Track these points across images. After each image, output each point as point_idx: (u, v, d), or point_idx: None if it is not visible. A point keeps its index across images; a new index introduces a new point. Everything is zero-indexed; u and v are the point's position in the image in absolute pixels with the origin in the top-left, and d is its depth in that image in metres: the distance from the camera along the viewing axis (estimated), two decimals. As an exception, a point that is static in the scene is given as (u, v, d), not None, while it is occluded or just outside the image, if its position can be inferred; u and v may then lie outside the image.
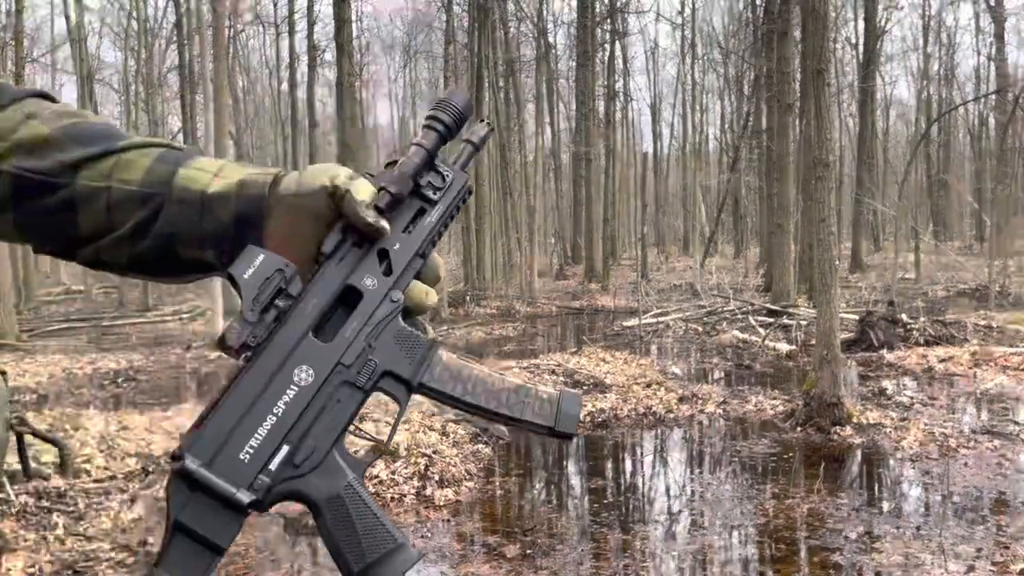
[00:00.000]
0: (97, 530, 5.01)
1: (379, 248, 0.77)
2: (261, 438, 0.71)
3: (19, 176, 0.78)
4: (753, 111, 24.39)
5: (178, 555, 0.69)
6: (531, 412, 0.79)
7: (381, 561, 0.73)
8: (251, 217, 0.78)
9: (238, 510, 0.69)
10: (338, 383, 0.74)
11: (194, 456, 0.69)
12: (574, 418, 0.80)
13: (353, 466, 0.75)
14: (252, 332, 0.72)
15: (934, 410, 7.83)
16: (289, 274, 0.73)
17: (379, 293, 0.77)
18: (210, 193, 0.78)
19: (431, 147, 0.80)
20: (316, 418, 0.73)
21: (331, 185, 0.76)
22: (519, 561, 4.55)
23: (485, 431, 7.32)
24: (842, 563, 4.42)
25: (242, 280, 0.72)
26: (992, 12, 29.37)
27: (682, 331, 13.91)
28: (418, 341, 0.78)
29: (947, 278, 20.80)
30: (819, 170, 7.62)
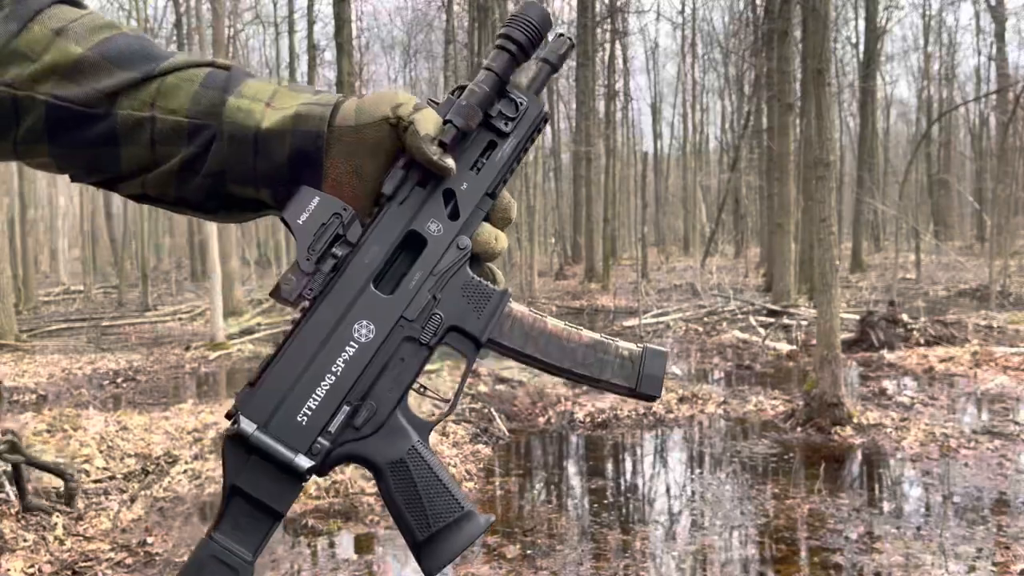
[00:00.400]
0: (96, 530, 5.01)
1: (445, 188, 0.71)
2: (319, 399, 0.67)
3: (53, 106, 0.71)
4: (754, 111, 24.38)
5: (235, 520, 0.67)
6: (611, 371, 0.73)
7: (448, 529, 0.69)
8: (309, 154, 0.71)
9: (297, 476, 0.66)
10: (400, 339, 0.69)
11: (249, 417, 0.66)
12: (659, 379, 0.74)
13: (418, 428, 0.70)
14: (308, 284, 0.67)
15: (935, 410, 7.82)
16: (347, 218, 0.68)
17: (445, 239, 0.70)
18: (264, 130, 0.71)
19: (501, 71, 0.71)
20: (378, 377, 0.68)
21: (393, 116, 0.70)
22: (519, 561, 4.54)
23: (485, 431, 7.31)
24: (842, 563, 4.41)
25: (296, 226, 0.67)
26: (993, 12, 29.35)
27: (682, 331, 13.90)
28: (487, 292, 0.72)
29: (948, 278, 20.79)
30: (820, 170, 7.61)
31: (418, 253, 0.70)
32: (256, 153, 0.71)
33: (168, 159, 0.72)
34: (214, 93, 0.72)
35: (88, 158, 0.73)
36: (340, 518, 5.24)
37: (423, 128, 0.68)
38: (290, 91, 0.74)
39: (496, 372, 9.32)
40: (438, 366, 9.50)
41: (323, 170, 0.71)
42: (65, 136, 0.72)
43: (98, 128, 0.71)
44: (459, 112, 0.69)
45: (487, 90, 0.71)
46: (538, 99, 0.74)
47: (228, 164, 0.71)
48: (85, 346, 14.02)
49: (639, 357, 0.73)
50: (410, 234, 0.70)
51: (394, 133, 0.70)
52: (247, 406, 0.66)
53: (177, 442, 6.66)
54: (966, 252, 27.53)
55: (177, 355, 12.49)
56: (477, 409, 7.91)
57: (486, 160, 0.72)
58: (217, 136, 0.71)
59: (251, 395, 0.67)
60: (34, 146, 0.73)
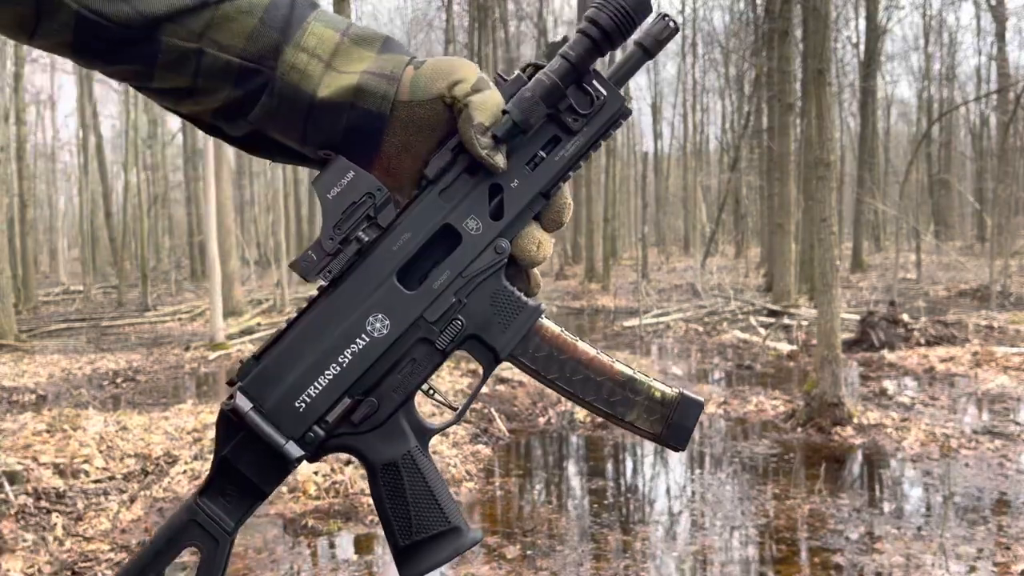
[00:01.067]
0: (96, 531, 5.00)
1: (492, 183, 0.65)
2: (321, 388, 0.64)
3: (85, 19, 0.60)
4: (754, 111, 24.37)
5: (222, 488, 0.65)
6: (636, 413, 0.67)
7: (431, 541, 0.67)
8: (366, 133, 0.65)
9: (285, 462, 0.64)
10: (416, 339, 0.65)
11: (248, 393, 0.64)
12: (688, 430, 0.68)
13: (418, 433, 0.67)
14: (328, 264, 0.63)
15: (935, 410, 7.82)
16: (380, 200, 0.63)
17: (482, 240, 0.65)
18: (320, 100, 0.64)
19: (578, 60, 0.64)
20: (385, 375, 0.65)
21: (449, 95, 0.63)
22: (519, 562, 4.53)
23: (485, 431, 7.31)
24: (843, 564, 4.40)
25: (325, 200, 0.63)
26: (993, 12, 29.35)
27: (683, 331, 13.89)
28: (518, 306, 0.66)
29: (948, 278, 20.78)
30: (820, 170, 7.60)
31: (451, 249, 0.65)
32: (308, 120, 0.65)
33: (209, 93, 0.65)
34: (273, 35, 0.64)
35: (114, 72, 0.65)
36: (340, 518, 5.24)
37: (478, 115, 0.62)
38: (354, 45, 0.65)
39: (496, 372, 9.32)
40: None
41: (379, 147, 0.65)
42: (93, 53, 0.63)
43: (134, 51, 0.62)
44: (520, 104, 0.63)
45: (556, 81, 0.64)
46: (619, 93, 0.66)
47: (275, 121, 0.65)
48: (85, 346, 14.02)
49: (672, 403, 0.68)
50: (445, 227, 0.65)
51: (448, 113, 0.64)
52: (248, 379, 0.64)
53: (177, 442, 6.65)
54: (967, 252, 27.53)
55: (177, 355, 12.48)
56: (477, 409, 7.90)
57: (546, 155, 0.65)
58: (268, 90, 0.64)
59: (254, 367, 0.65)
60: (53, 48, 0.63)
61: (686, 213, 36.89)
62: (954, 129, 34.85)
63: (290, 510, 5.32)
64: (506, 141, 0.63)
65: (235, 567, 4.51)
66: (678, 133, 38.38)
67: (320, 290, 0.65)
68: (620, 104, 0.66)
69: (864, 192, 23.66)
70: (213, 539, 0.65)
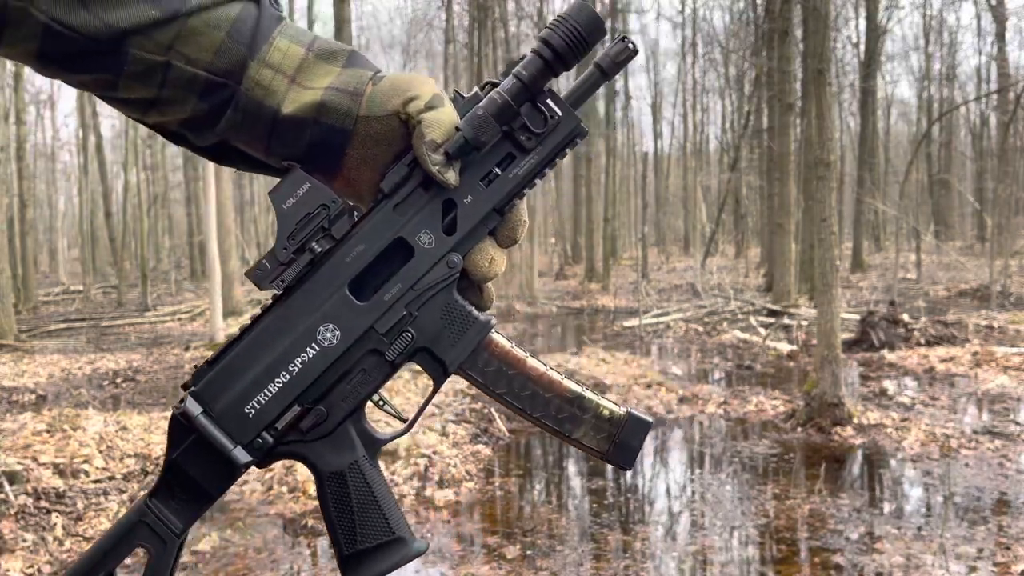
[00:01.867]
0: (96, 531, 5.00)
1: (446, 198, 0.65)
2: (270, 395, 0.65)
3: (52, 31, 0.60)
4: (754, 110, 24.36)
5: (171, 491, 0.66)
6: (584, 431, 0.68)
7: (374, 551, 0.67)
8: (329, 147, 0.66)
9: (232, 467, 0.65)
10: (366, 350, 0.66)
11: (199, 397, 0.65)
12: (634, 451, 0.70)
13: (367, 443, 0.67)
14: (281, 274, 0.64)
15: (935, 410, 7.81)
16: (334, 211, 0.64)
17: (434, 254, 0.65)
18: (284, 115, 0.65)
19: (529, 79, 0.64)
20: (335, 384, 0.66)
21: (403, 111, 0.64)
22: (519, 562, 4.53)
23: (485, 431, 7.31)
24: (843, 564, 4.40)
25: (281, 210, 0.64)
26: (993, 12, 29.34)
27: (683, 331, 13.89)
28: (468, 320, 0.67)
29: (948, 278, 20.78)
30: (820, 170, 7.60)
31: (403, 263, 0.66)
32: (272, 135, 0.66)
33: (174, 105, 0.65)
34: (240, 49, 0.64)
35: (78, 81, 0.65)
36: (340, 518, 5.23)
37: (430, 132, 0.63)
38: (319, 60, 0.66)
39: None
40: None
41: (342, 160, 0.66)
42: (58, 63, 0.62)
43: (100, 62, 0.62)
44: (472, 122, 0.64)
45: (508, 100, 0.64)
46: (574, 113, 0.66)
47: (240, 134, 0.67)
48: (85, 346, 14.02)
49: (619, 422, 0.69)
50: (398, 241, 0.65)
51: (404, 128, 0.65)
52: (201, 385, 0.65)
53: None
54: (967, 252, 27.53)
55: (177, 355, 12.48)
56: (477, 409, 7.90)
57: (500, 172, 0.66)
58: (233, 104, 0.65)
59: (205, 373, 0.65)
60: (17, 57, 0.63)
61: (686, 213, 36.90)
62: (954, 129, 34.85)
63: (290, 510, 5.32)
64: (458, 158, 0.64)
65: (235, 567, 4.51)
66: (678, 133, 38.40)
67: (274, 298, 0.66)
68: (575, 124, 0.66)
69: (864, 192, 23.65)
70: (161, 540, 0.66)
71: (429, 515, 5.31)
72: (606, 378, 9.34)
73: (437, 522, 5.19)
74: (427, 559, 4.62)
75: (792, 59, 16.21)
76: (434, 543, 4.85)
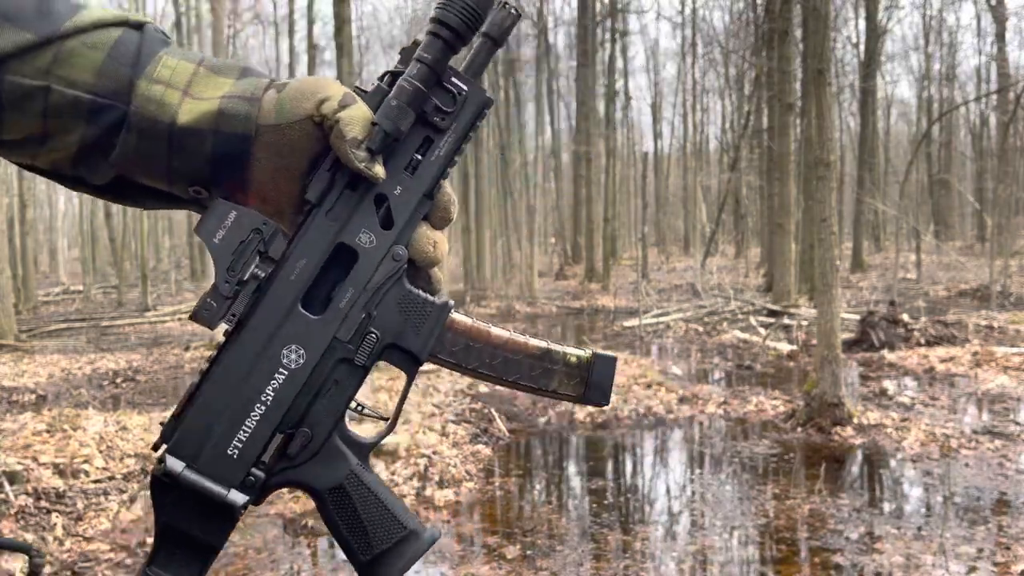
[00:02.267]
0: (96, 531, 5.00)
1: (376, 193, 0.65)
2: (250, 430, 0.63)
3: None
4: (754, 110, 24.36)
5: (171, 554, 0.64)
6: (558, 381, 0.69)
7: (390, 552, 0.66)
8: (232, 158, 0.63)
9: (231, 511, 0.63)
10: (334, 361, 0.65)
11: (176, 454, 0.62)
12: (606, 387, 0.70)
13: (356, 451, 0.67)
14: (230, 308, 0.63)
15: (935, 410, 7.82)
16: (268, 233, 0.63)
17: (378, 252, 0.65)
18: (180, 127, 0.62)
19: (433, 61, 0.64)
20: (312, 402, 0.64)
21: (318, 114, 0.63)
22: (519, 562, 4.53)
23: (485, 431, 7.31)
24: (843, 564, 4.40)
25: (213, 245, 0.62)
26: (993, 12, 29.34)
27: (682, 331, 13.89)
28: (426, 307, 0.67)
29: (948, 278, 20.78)
30: (820, 170, 7.60)
31: (350, 267, 0.65)
32: (171, 151, 0.62)
33: (62, 134, 0.62)
34: (123, 69, 0.62)
35: None
36: (340, 518, 5.23)
37: (349, 130, 0.62)
38: (211, 73, 0.64)
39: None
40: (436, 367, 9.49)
41: (249, 173, 0.63)
42: None
43: None
44: (388, 113, 0.63)
45: (418, 85, 0.64)
46: (478, 84, 0.67)
47: (139, 159, 0.63)
48: (85, 346, 14.02)
49: (587, 364, 0.70)
50: (339, 247, 0.64)
51: (319, 132, 0.63)
52: (173, 441, 0.63)
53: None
54: (967, 252, 27.53)
55: (177, 355, 12.48)
56: (477, 409, 7.91)
57: (422, 158, 0.66)
58: (126, 126, 0.62)
59: (175, 427, 0.63)
60: None
61: (686, 213, 36.90)
62: (954, 129, 34.86)
63: (290, 510, 5.32)
64: (381, 151, 0.63)
65: (235, 567, 4.51)
66: (678, 133, 38.41)
67: (226, 335, 0.64)
68: (482, 96, 0.67)
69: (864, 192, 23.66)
70: None
71: (429, 515, 5.30)
72: (606, 378, 9.33)
73: (437, 522, 5.19)
74: (427, 559, 4.62)
75: (792, 59, 16.21)
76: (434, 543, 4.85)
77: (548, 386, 0.70)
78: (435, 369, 8.97)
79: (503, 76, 25.68)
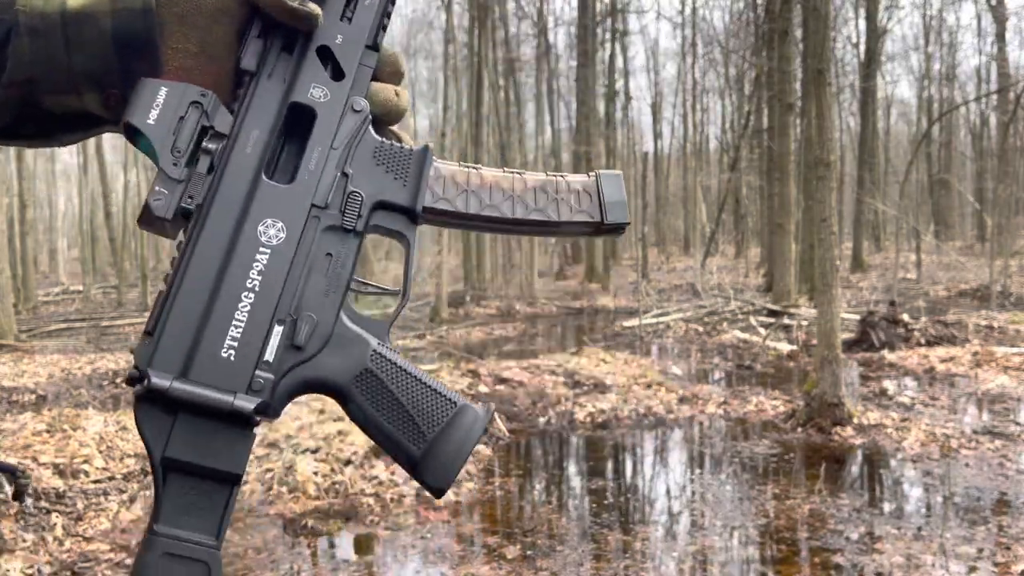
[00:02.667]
0: (96, 531, 5.00)
1: (318, 45, 0.59)
2: (243, 324, 0.54)
3: None
4: (754, 110, 24.37)
5: (180, 501, 0.52)
6: (568, 210, 0.63)
7: (447, 433, 0.57)
8: (138, 36, 0.55)
9: (243, 421, 0.53)
10: (320, 231, 0.57)
11: (160, 370, 0.52)
12: (622, 203, 0.63)
13: (373, 329, 0.58)
14: (185, 192, 0.54)
15: (935, 410, 7.81)
16: (210, 104, 0.56)
17: (336, 105, 0.58)
18: (72, 11, 0.55)
19: None
20: (307, 281, 0.56)
21: None
22: (519, 562, 4.53)
23: (484, 431, 7.30)
24: (843, 564, 4.40)
25: (148, 128, 0.54)
26: (993, 12, 29.35)
27: (683, 331, 13.89)
28: (405, 155, 0.60)
29: (948, 278, 20.78)
30: (820, 170, 7.60)
31: (309, 129, 0.58)
32: (68, 45, 0.55)
33: None
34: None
35: None
36: (340, 518, 5.23)
37: None
38: None
39: (496, 372, 9.31)
40: (436, 366, 9.49)
41: (160, 55, 0.56)
42: None
43: None
44: None
45: None
46: None
47: (35, 66, 0.55)
48: (85, 346, 14.02)
49: (594, 186, 0.64)
50: (293, 107, 0.58)
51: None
52: (153, 358, 0.53)
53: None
54: (967, 252, 27.53)
55: (177, 355, 12.45)
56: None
57: (355, 7, 0.60)
58: (15, 32, 0.55)
59: (151, 344, 0.53)
60: None
61: (686, 213, 36.91)
62: (954, 129, 34.86)
63: (290, 510, 5.32)
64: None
65: (235, 567, 4.51)
66: (678, 133, 38.41)
67: (187, 231, 0.55)
68: None
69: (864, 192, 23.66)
70: (201, 563, 0.52)
71: (429, 515, 5.30)
72: (606, 378, 9.34)
73: (437, 522, 5.19)
74: (427, 559, 4.62)
75: (792, 59, 16.21)
76: (434, 543, 4.85)
77: (560, 216, 0.63)
78: (434, 369, 8.97)
79: (503, 76, 25.68)
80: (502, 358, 11.29)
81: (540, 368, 9.72)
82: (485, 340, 14.08)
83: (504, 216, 0.62)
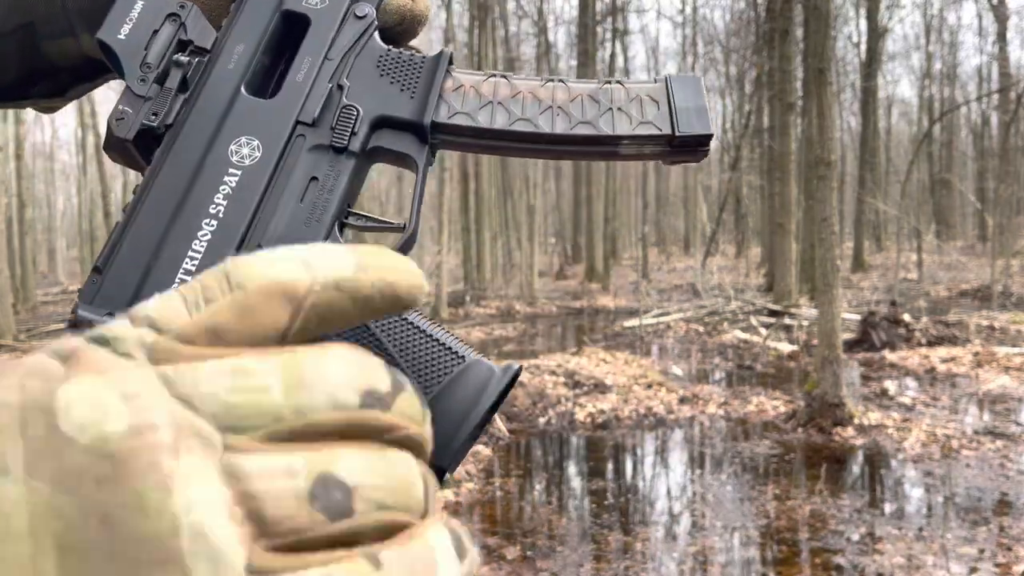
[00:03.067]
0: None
1: None
2: (199, 256, 0.45)
3: None
4: (754, 110, 24.36)
5: None
6: (628, 121, 0.48)
7: (451, 388, 0.46)
8: None
9: None
10: (305, 151, 0.48)
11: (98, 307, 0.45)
12: (701, 109, 0.49)
13: None
14: (151, 109, 0.48)
15: (936, 411, 7.80)
16: (188, 16, 0.50)
17: (334, 11, 0.51)
18: None
19: None
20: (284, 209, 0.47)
21: None
22: (519, 563, 4.51)
23: (484, 432, 7.30)
24: (844, 564, 4.38)
25: (117, 43, 0.49)
26: (995, 11, 29.33)
27: (683, 331, 13.88)
28: (415, 62, 0.51)
29: (949, 278, 20.76)
30: (821, 169, 7.58)
31: (301, 39, 0.51)
32: None
33: None
34: None
35: None
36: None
37: None
38: None
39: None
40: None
41: None
42: None
43: None
44: None
45: None
46: None
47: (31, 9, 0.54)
48: (85, 346, 14.02)
49: (662, 91, 0.50)
50: (285, 15, 0.51)
51: None
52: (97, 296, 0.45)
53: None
54: (968, 252, 27.52)
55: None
56: (477, 409, 7.88)
57: None
58: None
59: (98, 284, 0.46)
60: None
61: (686, 213, 36.91)
62: (955, 129, 34.85)
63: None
64: None
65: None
66: (678, 133, 38.33)
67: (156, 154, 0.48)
68: None
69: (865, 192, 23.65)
70: None
71: (428, 516, 5.29)
72: (606, 378, 9.32)
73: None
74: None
75: (793, 58, 16.20)
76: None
77: (618, 130, 0.48)
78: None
79: (503, 76, 25.66)
80: (502, 358, 11.28)
81: (540, 368, 9.70)
82: (485, 340, 14.07)
83: (540, 131, 0.48)
